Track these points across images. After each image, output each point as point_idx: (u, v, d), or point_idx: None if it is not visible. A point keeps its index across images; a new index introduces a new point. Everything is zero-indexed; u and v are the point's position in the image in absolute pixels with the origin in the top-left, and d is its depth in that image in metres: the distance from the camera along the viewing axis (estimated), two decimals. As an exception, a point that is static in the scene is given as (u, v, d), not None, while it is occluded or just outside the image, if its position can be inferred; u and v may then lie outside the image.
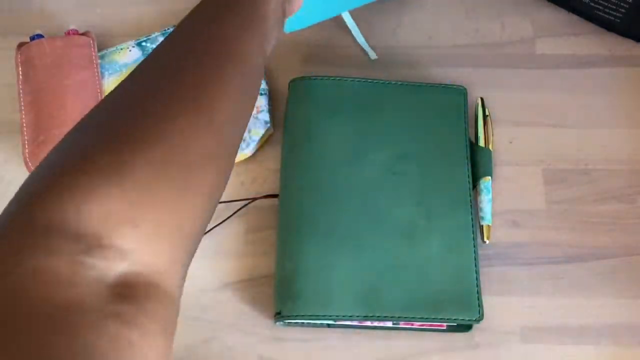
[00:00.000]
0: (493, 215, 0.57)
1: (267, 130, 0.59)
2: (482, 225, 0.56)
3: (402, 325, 0.52)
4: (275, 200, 0.57)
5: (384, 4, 0.65)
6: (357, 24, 0.64)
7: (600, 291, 0.54)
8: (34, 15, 0.65)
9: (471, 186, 0.55)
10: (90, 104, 0.58)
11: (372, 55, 0.63)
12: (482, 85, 0.62)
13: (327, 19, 0.64)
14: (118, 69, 0.60)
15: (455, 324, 0.52)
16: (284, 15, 0.42)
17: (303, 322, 0.52)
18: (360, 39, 0.63)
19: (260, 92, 0.59)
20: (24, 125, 0.57)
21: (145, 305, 0.27)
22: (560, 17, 0.65)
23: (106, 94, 0.59)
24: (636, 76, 0.62)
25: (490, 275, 0.55)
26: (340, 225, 0.53)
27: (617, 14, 0.60)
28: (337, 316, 0.51)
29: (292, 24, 0.62)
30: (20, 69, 0.59)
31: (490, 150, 0.58)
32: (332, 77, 0.59)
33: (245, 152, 0.58)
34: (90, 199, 0.27)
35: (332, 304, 0.51)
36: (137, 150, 0.29)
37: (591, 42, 0.64)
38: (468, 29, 0.64)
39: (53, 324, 0.24)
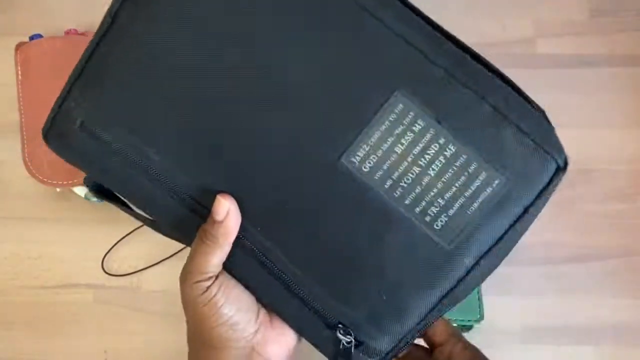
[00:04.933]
0: (493, 215, 0.57)
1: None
2: (482, 226, 0.55)
3: (402, 325, 0.52)
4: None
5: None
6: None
7: (600, 291, 0.54)
8: (34, 15, 0.65)
9: None
10: (90, 103, 0.58)
11: None
12: (482, 85, 0.62)
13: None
14: (118, 69, 0.60)
15: (455, 324, 0.52)
16: None
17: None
18: None
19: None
20: (24, 125, 0.57)
21: None
22: (560, 16, 0.65)
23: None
24: (636, 76, 0.62)
25: (490, 275, 0.55)
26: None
27: None
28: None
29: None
30: (19, 68, 0.59)
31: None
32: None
33: (245, 152, 0.58)
34: None
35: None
36: None
37: (591, 42, 0.63)
38: (468, 28, 0.64)
39: None
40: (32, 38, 0.60)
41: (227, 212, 0.35)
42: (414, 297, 0.36)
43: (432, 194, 0.35)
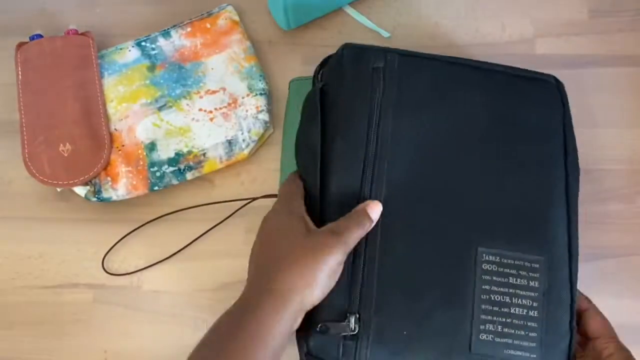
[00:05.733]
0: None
1: (267, 130, 0.59)
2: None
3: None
4: (274, 201, 0.57)
5: (384, 5, 0.65)
6: (358, 25, 0.64)
7: (601, 291, 0.54)
8: (34, 15, 0.65)
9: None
10: (90, 104, 0.58)
11: (385, 34, 0.63)
12: (482, 85, 0.62)
13: (327, 13, 0.64)
14: (118, 69, 0.60)
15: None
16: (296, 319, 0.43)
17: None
18: (367, 23, 0.63)
19: (260, 92, 0.59)
20: (24, 125, 0.57)
21: None
22: (560, 17, 0.65)
23: (106, 93, 0.59)
24: (636, 76, 0.62)
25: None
26: None
27: None
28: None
29: (293, 21, 0.62)
30: (20, 68, 0.59)
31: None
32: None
33: (245, 152, 0.58)
34: None
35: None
36: None
37: (591, 42, 0.64)
38: (468, 28, 0.64)
39: None
40: (32, 38, 0.60)
41: (373, 220, 0.45)
42: (416, 356, 0.45)
43: (500, 319, 0.45)
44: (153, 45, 0.61)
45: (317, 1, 0.61)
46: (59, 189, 0.57)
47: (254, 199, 0.57)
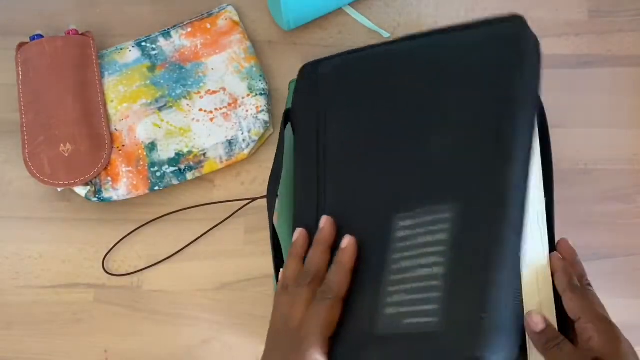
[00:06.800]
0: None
1: (266, 130, 0.59)
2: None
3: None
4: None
5: (384, 5, 0.65)
6: (358, 25, 0.64)
7: (600, 291, 0.54)
8: (34, 15, 0.65)
9: None
10: (91, 104, 0.58)
11: (385, 34, 0.63)
12: (482, 85, 0.62)
13: (327, 13, 0.64)
14: (118, 69, 0.60)
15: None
16: None
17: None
18: (367, 23, 0.64)
19: (260, 92, 0.59)
20: (24, 125, 0.57)
21: None
22: (560, 17, 0.65)
23: (106, 93, 0.59)
24: (636, 76, 0.62)
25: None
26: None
27: None
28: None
29: (293, 21, 0.62)
30: (20, 69, 0.59)
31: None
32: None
33: (245, 152, 0.58)
34: None
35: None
36: None
37: (591, 42, 0.64)
38: (468, 29, 0.64)
39: None
40: (32, 38, 0.61)
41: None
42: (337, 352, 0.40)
43: (404, 286, 0.39)
44: (153, 46, 0.61)
45: (317, 1, 0.61)
46: (59, 189, 0.57)
47: (254, 199, 0.57)
